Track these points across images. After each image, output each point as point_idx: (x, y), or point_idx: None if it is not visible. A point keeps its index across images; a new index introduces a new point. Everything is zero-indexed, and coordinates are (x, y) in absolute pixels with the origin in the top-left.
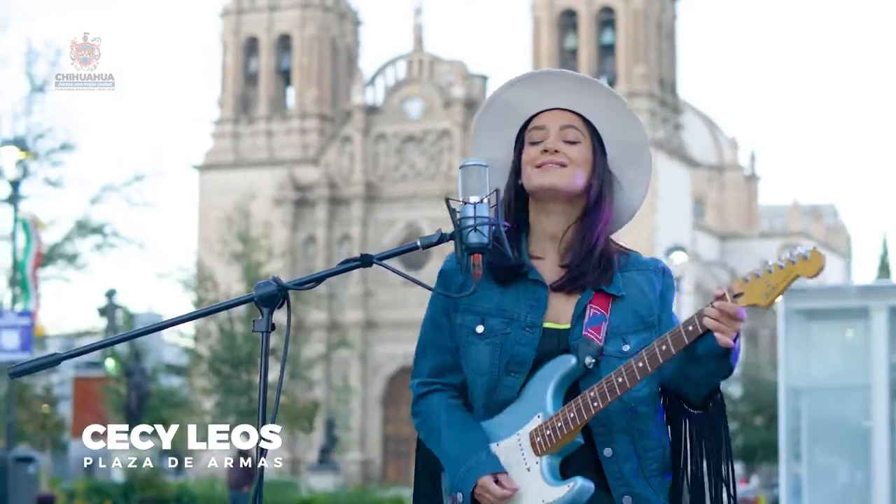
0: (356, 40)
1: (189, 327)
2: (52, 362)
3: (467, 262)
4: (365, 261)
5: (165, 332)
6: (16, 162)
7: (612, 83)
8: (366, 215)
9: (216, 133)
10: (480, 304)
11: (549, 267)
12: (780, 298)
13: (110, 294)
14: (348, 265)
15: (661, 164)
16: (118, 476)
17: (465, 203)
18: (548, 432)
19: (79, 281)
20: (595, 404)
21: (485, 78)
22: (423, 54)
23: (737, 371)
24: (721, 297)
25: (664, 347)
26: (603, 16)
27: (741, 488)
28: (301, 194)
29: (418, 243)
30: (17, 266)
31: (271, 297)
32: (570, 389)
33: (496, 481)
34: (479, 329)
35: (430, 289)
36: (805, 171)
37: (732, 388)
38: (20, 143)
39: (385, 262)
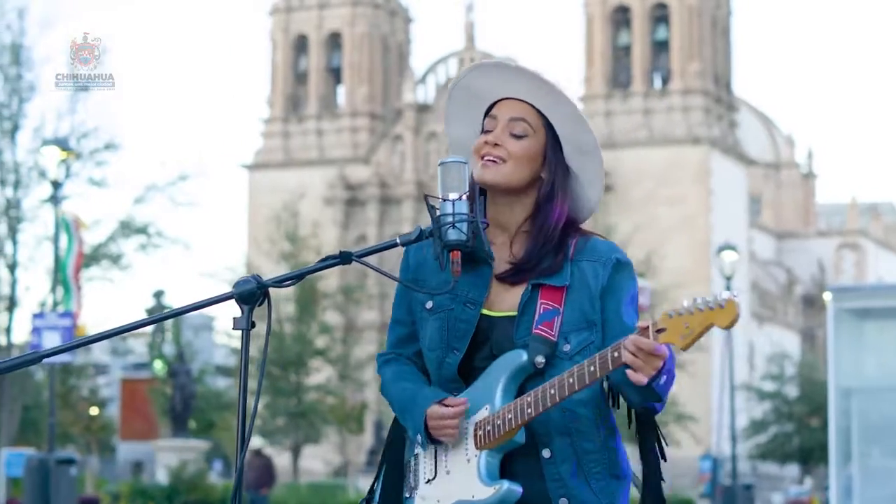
0: (407, 38)
1: None
2: (33, 360)
3: (446, 258)
4: (344, 258)
5: (215, 333)
6: (57, 162)
7: (665, 80)
8: (417, 215)
9: (266, 132)
10: (431, 280)
11: (497, 255)
12: (829, 297)
13: (158, 295)
14: (327, 262)
15: (715, 161)
16: (163, 478)
17: (444, 200)
18: (488, 428)
19: (123, 282)
20: (529, 411)
21: None
22: (474, 51)
23: (791, 371)
24: (644, 330)
25: (591, 369)
26: (657, 12)
27: (795, 489)
28: (352, 193)
29: (398, 241)
30: (58, 266)
31: (250, 294)
32: (521, 386)
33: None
34: (429, 305)
35: (407, 286)
36: (863, 168)
37: (789, 389)
38: (62, 143)
39: (364, 258)
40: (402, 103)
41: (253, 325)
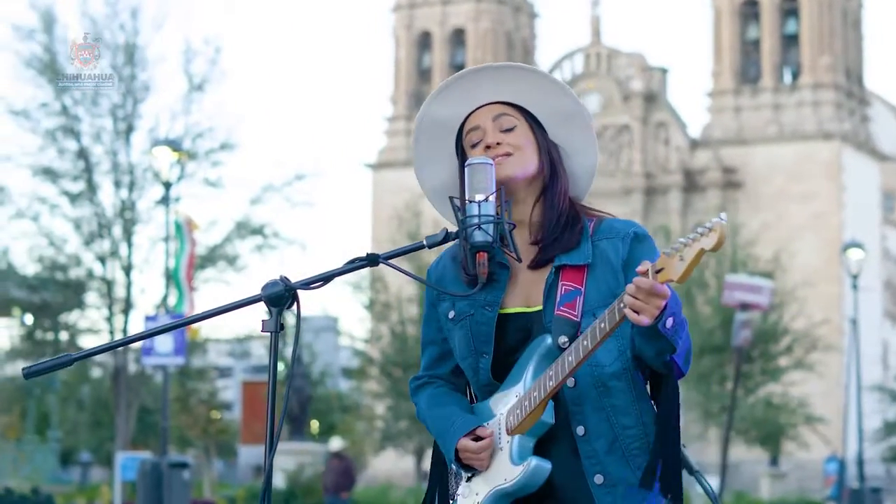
0: (532, 33)
1: (362, 330)
2: (65, 363)
3: (472, 260)
4: (371, 260)
5: (340, 335)
6: (169, 163)
7: (795, 74)
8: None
9: (389, 130)
10: (452, 290)
11: (523, 245)
12: None
13: None
14: (355, 265)
15: (847, 157)
16: (280, 482)
17: (471, 201)
18: (517, 411)
19: (239, 283)
20: (550, 383)
21: (664, 70)
22: (600, 47)
23: None
24: (644, 273)
25: (602, 325)
26: (786, 5)
27: None
28: None
29: (424, 242)
30: (171, 268)
31: (279, 296)
32: None
33: (475, 438)
34: (451, 314)
35: (436, 288)
36: None
37: None
38: (173, 144)
39: (391, 261)
40: None
41: (282, 326)
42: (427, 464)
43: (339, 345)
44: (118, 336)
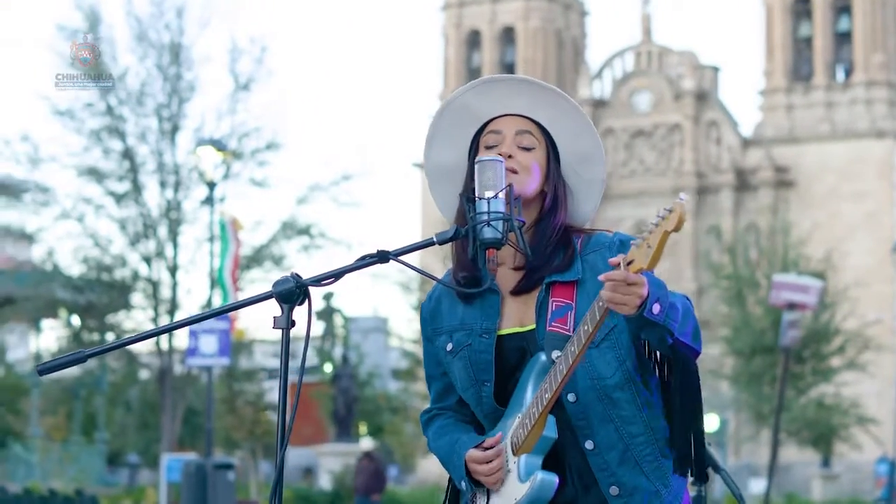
0: (582, 31)
1: (411, 331)
2: (78, 360)
3: (482, 257)
4: (381, 256)
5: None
6: (213, 162)
7: (848, 72)
8: (594, 213)
9: None
10: (447, 323)
11: (506, 272)
12: None
13: (328, 297)
14: (365, 261)
15: None
16: (326, 483)
17: (480, 198)
18: (520, 431)
19: None
20: (546, 395)
21: (716, 69)
22: (651, 45)
23: None
24: (615, 265)
25: (585, 327)
26: (839, 2)
27: None
28: None
29: (434, 239)
30: (215, 268)
31: (290, 293)
32: None
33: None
34: (449, 347)
35: (445, 284)
36: None
37: None
38: (217, 144)
39: (401, 257)
40: (578, 99)
41: (293, 323)
42: None
43: (388, 346)
44: (163, 338)
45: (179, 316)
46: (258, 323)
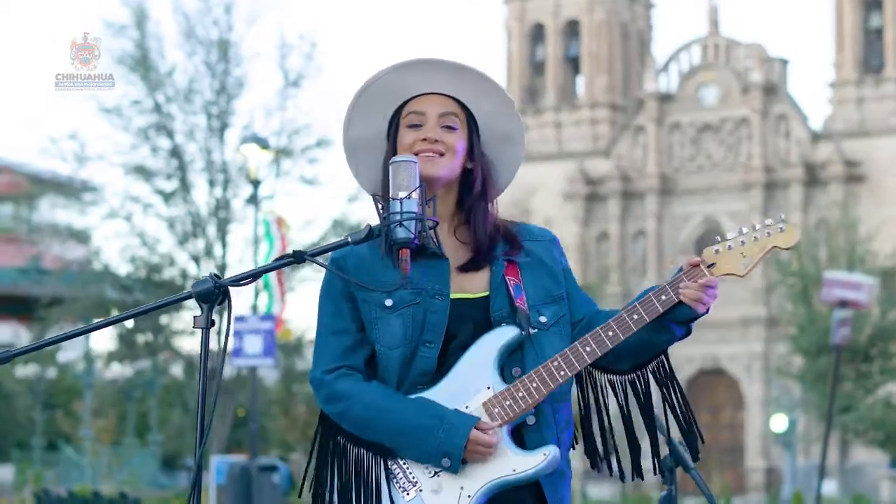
0: (648, 24)
1: None
2: (38, 347)
3: (395, 256)
4: (297, 257)
5: None
6: (257, 160)
7: None
8: (661, 209)
9: None
10: (384, 279)
11: (455, 244)
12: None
13: None
14: (282, 262)
15: None
16: None
17: (393, 198)
18: (507, 402)
19: None
20: (562, 373)
21: (785, 61)
22: (718, 38)
23: None
24: (696, 266)
25: (635, 317)
26: None
27: None
28: (592, 188)
29: (349, 239)
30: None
31: (209, 293)
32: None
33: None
34: (388, 302)
35: (358, 283)
36: None
37: None
38: (261, 141)
39: (316, 258)
40: (644, 93)
41: (212, 323)
42: None
43: None
44: (213, 337)
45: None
46: (310, 321)
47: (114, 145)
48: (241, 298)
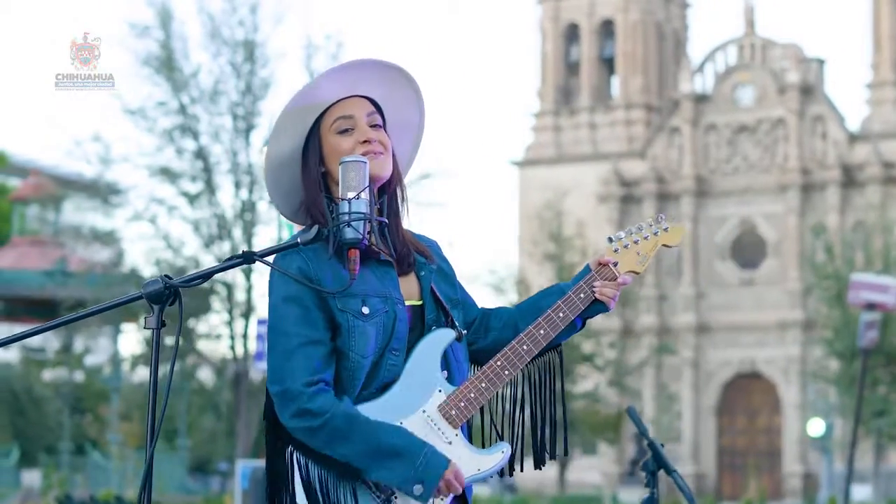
0: (684, 24)
1: None
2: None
3: (344, 257)
4: (247, 258)
5: None
6: None
7: None
8: (696, 211)
9: (536, 126)
10: (357, 287)
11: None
12: None
13: None
14: (231, 262)
15: None
16: None
17: (343, 199)
18: (462, 404)
19: None
20: (506, 372)
21: (822, 62)
22: (754, 38)
23: None
24: (605, 265)
25: (561, 315)
26: None
27: None
28: (627, 190)
29: (298, 241)
30: None
31: (159, 294)
32: None
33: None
34: (365, 310)
35: (320, 290)
36: None
37: None
38: None
39: (266, 258)
40: (679, 94)
41: (163, 324)
42: (575, 474)
43: None
44: (238, 341)
45: (254, 320)
46: None
47: (139, 147)
48: (265, 302)
